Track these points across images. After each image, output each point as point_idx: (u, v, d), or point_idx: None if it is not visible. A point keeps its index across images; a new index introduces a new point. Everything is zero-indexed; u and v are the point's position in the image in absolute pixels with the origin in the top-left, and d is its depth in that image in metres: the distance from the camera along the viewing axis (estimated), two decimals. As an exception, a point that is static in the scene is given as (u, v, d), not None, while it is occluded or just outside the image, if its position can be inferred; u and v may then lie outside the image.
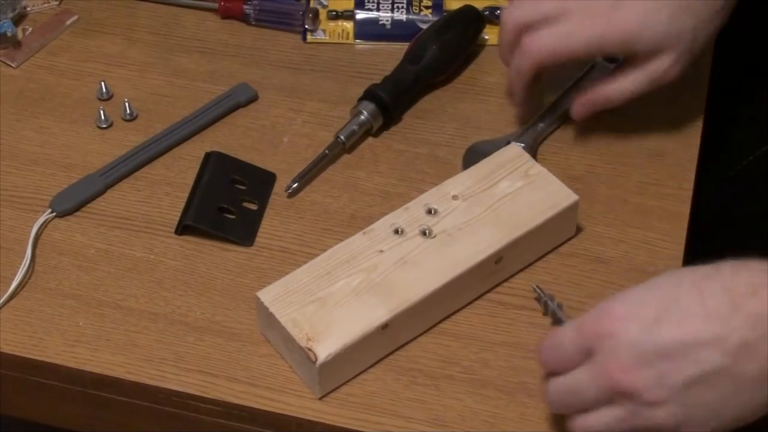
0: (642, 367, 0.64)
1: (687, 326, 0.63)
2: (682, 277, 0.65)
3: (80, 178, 0.88)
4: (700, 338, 0.63)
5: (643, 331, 0.64)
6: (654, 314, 0.64)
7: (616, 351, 0.64)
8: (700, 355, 0.63)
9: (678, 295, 0.64)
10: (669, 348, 0.63)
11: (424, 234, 0.79)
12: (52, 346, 0.78)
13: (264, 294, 0.76)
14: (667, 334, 0.63)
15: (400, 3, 1.01)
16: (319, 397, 0.75)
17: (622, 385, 0.64)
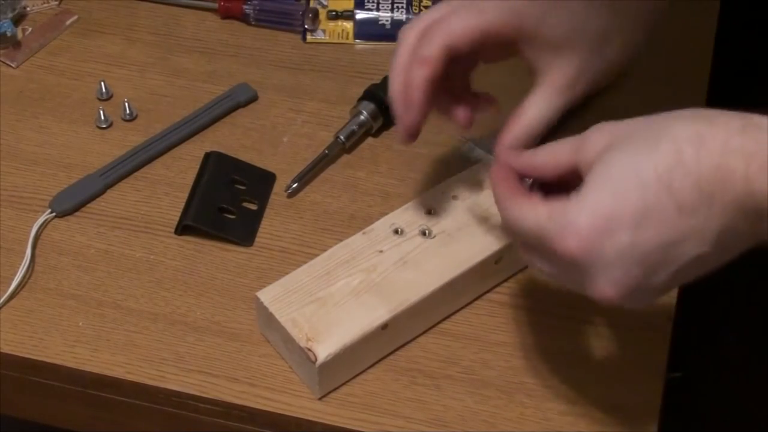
0: (623, 280, 0.61)
1: (665, 230, 0.60)
2: (644, 175, 0.60)
3: (80, 178, 0.88)
4: (679, 237, 0.60)
5: (621, 252, 0.60)
6: (628, 230, 0.60)
7: (594, 272, 0.62)
8: (682, 251, 0.60)
9: (648, 200, 0.60)
10: (650, 256, 0.60)
11: (423, 234, 0.79)
12: (52, 346, 0.78)
13: (264, 294, 0.76)
14: (646, 245, 0.60)
15: (400, 3, 1.01)
16: (319, 398, 0.75)
17: (603, 298, 0.62)
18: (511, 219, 0.66)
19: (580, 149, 0.64)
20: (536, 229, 0.63)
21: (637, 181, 0.60)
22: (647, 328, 0.79)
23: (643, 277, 0.61)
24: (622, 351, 0.78)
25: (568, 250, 0.61)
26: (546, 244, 0.63)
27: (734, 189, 0.58)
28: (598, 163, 0.62)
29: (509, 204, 0.66)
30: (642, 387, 0.76)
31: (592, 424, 0.74)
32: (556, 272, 0.65)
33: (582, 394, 0.75)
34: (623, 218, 0.60)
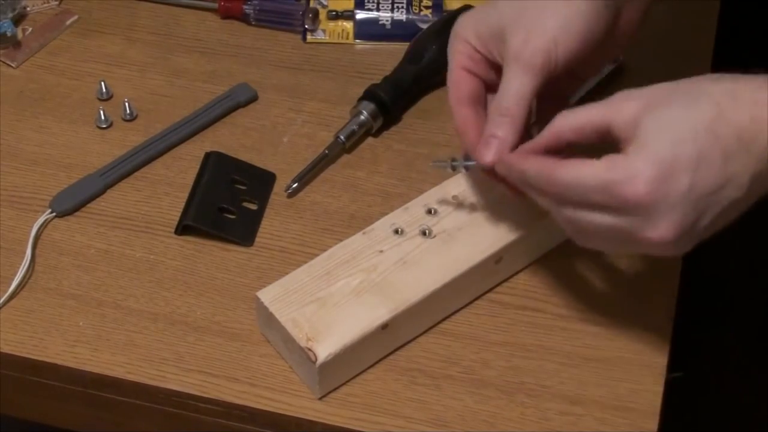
0: (679, 223, 0.66)
1: (714, 175, 0.65)
2: (695, 125, 0.65)
3: (80, 178, 0.88)
4: (724, 182, 0.65)
5: (682, 196, 0.65)
6: (688, 174, 0.65)
7: (656, 216, 0.66)
8: (724, 195, 0.66)
9: (701, 147, 0.65)
10: (702, 199, 0.65)
11: (424, 234, 0.79)
12: (52, 346, 0.78)
13: (264, 294, 0.76)
14: (700, 189, 0.65)
15: (400, 3, 1.01)
16: (319, 397, 0.75)
17: (662, 246, 0.67)
18: (566, 183, 0.67)
19: (614, 113, 0.68)
20: (600, 182, 0.66)
21: (690, 131, 0.65)
22: (647, 328, 0.79)
23: (695, 219, 0.66)
24: (622, 351, 0.78)
25: (637, 195, 0.65)
26: (613, 193, 0.65)
27: (766, 137, 0.65)
28: (646, 119, 0.66)
29: (557, 171, 0.68)
30: (642, 387, 0.76)
31: (592, 423, 0.74)
32: (614, 223, 0.67)
33: (582, 394, 0.75)
34: (683, 164, 0.65)
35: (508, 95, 0.73)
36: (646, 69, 0.96)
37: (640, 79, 0.95)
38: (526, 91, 0.72)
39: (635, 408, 0.75)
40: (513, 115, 0.73)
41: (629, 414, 0.74)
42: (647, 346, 0.78)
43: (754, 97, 0.65)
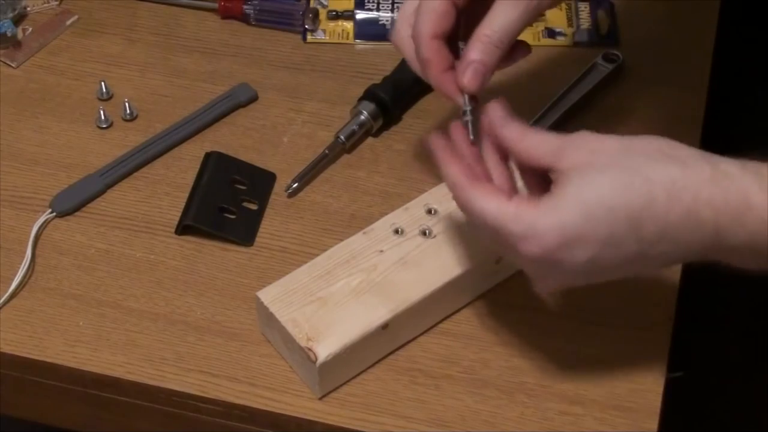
0: (566, 283, 0.68)
1: (621, 256, 0.65)
2: (616, 209, 0.64)
3: (80, 178, 0.88)
4: (632, 261, 0.65)
5: (577, 266, 0.65)
6: (589, 251, 0.65)
7: (547, 274, 0.67)
8: (630, 268, 0.66)
9: (615, 230, 0.64)
10: (599, 270, 0.66)
11: (424, 234, 0.79)
12: (52, 346, 0.78)
13: (264, 294, 0.76)
14: (600, 264, 0.65)
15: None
16: (319, 397, 0.75)
17: (540, 290, 0.69)
18: (470, 207, 0.68)
19: (559, 156, 0.67)
20: (499, 226, 0.66)
21: (608, 213, 0.64)
22: (647, 328, 0.79)
23: (585, 279, 0.67)
24: (622, 351, 0.78)
25: (529, 253, 0.65)
26: (507, 240, 0.66)
27: (703, 237, 0.64)
28: (574, 178, 0.65)
29: (471, 192, 0.67)
30: (642, 387, 0.76)
31: (592, 423, 0.74)
32: (501, 253, 0.69)
33: (582, 394, 0.75)
34: (588, 240, 0.64)
35: (496, 27, 0.72)
36: (646, 69, 0.96)
37: (640, 79, 0.95)
38: (513, 26, 0.72)
39: (635, 408, 0.75)
40: (497, 47, 0.72)
41: (629, 414, 0.74)
42: (647, 346, 0.78)
43: (696, 194, 0.63)
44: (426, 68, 0.74)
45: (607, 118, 0.92)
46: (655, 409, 0.75)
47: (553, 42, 0.99)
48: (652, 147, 0.65)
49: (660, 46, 0.98)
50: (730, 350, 1.06)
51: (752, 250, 0.63)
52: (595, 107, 0.93)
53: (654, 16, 1.01)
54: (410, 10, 0.75)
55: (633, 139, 0.66)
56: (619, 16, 1.00)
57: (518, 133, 0.69)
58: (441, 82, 0.74)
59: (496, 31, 0.72)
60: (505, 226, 0.65)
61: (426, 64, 0.73)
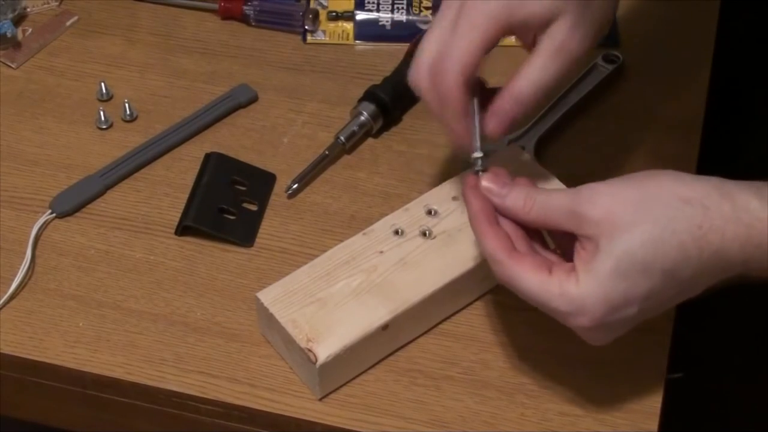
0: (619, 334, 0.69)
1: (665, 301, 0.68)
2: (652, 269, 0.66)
3: (80, 179, 0.88)
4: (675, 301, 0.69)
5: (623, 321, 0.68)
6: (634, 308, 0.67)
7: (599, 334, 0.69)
8: (672, 303, 0.69)
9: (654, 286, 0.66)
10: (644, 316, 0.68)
11: (424, 235, 0.79)
12: (52, 346, 0.78)
13: (264, 295, 0.76)
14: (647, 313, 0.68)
15: (400, 3, 1.01)
16: (320, 398, 0.75)
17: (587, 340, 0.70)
18: (512, 284, 0.69)
19: (578, 223, 0.67)
20: (545, 303, 0.68)
21: (644, 271, 0.66)
22: (647, 329, 0.78)
23: (634, 324, 0.69)
24: (622, 351, 0.77)
25: (581, 326, 0.67)
26: (554, 313, 0.68)
27: (733, 270, 0.66)
28: (603, 245, 0.66)
29: (511, 269, 0.69)
30: (642, 387, 0.76)
31: (592, 424, 0.74)
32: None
33: (582, 394, 0.75)
34: (632, 300, 0.66)
35: (533, 80, 0.72)
36: (646, 69, 0.96)
37: (640, 79, 0.95)
38: (550, 82, 0.72)
39: (635, 408, 0.75)
40: (531, 101, 0.72)
41: (629, 414, 0.74)
42: (647, 346, 0.78)
43: (722, 235, 0.65)
44: (444, 109, 0.73)
45: (607, 119, 0.92)
46: (655, 409, 0.75)
47: (553, 42, 0.98)
48: (667, 193, 0.66)
49: (660, 46, 0.98)
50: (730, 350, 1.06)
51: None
52: (596, 108, 0.93)
53: (654, 17, 1.01)
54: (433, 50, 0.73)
55: (646, 186, 0.67)
56: (619, 17, 1.00)
57: (524, 201, 0.70)
58: (457, 129, 0.73)
59: (532, 85, 0.72)
60: (550, 304, 0.67)
61: (445, 105, 0.72)
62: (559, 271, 0.67)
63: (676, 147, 0.90)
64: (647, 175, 0.68)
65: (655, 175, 0.68)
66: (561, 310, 0.67)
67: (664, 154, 0.90)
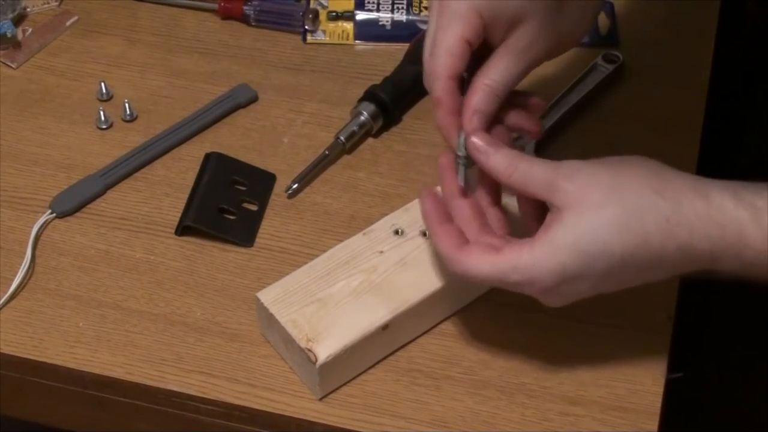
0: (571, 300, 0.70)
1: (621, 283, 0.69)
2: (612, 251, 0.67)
3: (80, 179, 0.88)
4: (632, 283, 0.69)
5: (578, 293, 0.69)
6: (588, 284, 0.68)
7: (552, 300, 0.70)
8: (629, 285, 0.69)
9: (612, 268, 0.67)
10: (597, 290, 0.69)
11: (424, 235, 0.79)
12: (52, 346, 0.78)
13: (264, 295, 0.76)
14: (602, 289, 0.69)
15: (400, 3, 1.01)
16: (320, 398, 0.75)
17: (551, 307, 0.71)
18: (467, 275, 0.70)
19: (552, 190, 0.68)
20: (498, 280, 0.69)
21: (604, 251, 0.66)
22: (647, 328, 0.79)
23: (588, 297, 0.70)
24: (622, 351, 0.78)
25: (533, 294, 0.69)
26: (511, 287, 0.69)
27: (701, 265, 0.67)
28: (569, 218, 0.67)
29: (462, 261, 0.69)
30: (642, 387, 0.76)
31: (592, 424, 0.74)
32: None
33: (582, 394, 0.75)
34: (586, 276, 0.67)
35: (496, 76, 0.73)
36: (646, 69, 0.96)
37: (640, 79, 0.95)
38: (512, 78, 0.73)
39: (635, 408, 0.75)
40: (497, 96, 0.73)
41: (629, 414, 0.74)
42: (647, 346, 0.78)
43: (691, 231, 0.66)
44: (435, 107, 0.74)
45: (607, 119, 0.92)
46: (655, 409, 0.75)
47: (553, 42, 0.98)
48: (642, 183, 0.67)
49: (660, 46, 0.98)
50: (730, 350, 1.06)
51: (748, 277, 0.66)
52: (596, 108, 0.93)
53: (654, 17, 1.01)
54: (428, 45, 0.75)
55: (623, 173, 0.68)
56: (619, 17, 1.00)
57: (507, 164, 0.70)
58: (445, 125, 0.74)
59: (496, 80, 0.73)
60: (505, 279, 0.68)
61: (436, 103, 0.73)
62: (509, 247, 0.68)
63: (676, 147, 0.90)
64: (627, 162, 0.69)
65: (635, 163, 0.69)
66: (515, 280, 0.68)
67: (664, 154, 0.89)
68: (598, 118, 0.92)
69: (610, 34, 0.99)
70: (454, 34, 0.72)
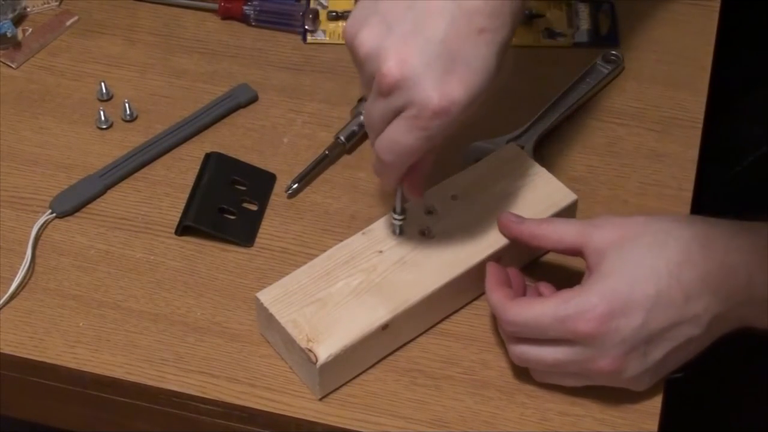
0: (629, 355, 0.69)
1: (671, 314, 0.69)
2: (657, 267, 0.69)
3: (80, 179, 0.88)
4: (681, 320, 0.69)
5: (634, 331, 0.69)
6: (642, 312, 0.68)
7: (606, 348, 0.69)
8: (680, 332, 0.70)
9: (660, 288, 0.68)
10: (655, 335, 0.69)
11: (423, 234, 0.79)
12: (53, 346, 0.78)
13: (264, 295, 0.76)
14: (654, 326, 0.69)
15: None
16: (320, 398, 0.75)
17: (608, 373, 0.70)
18: (517, 319, 0.71)
19: (588, 236, 0.71)
20: (551, 317, 0.69)
21: (650, 271, 0.68)
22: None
23: (645, 353, 0.70)
24: (623, 351, 0.78)
25: (587, 329, 0.68)
26: (566, 327, 0.69)
27: (737, 282, 0.69)
28: (612, 253, 0.70)
29: (510, 311, 0.71)
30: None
31: (592, 424, 0.74)
32: (567, 355, 0.70)
33: (582, 394, 0.75)
34: (638, 302, 0.68)
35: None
36: (646, 69, 0.96)
37: (640, 79, 0.95)
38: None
39: (635, 408, 0.75)
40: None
41: (629, 414, 0.74)
42: (647, 347, 0.78)
43: (728, 243, 0.69)
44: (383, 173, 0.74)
45: (607, 119, 0.92)
46: (655, 409, 0.75)
47: (554, 43, 0.99)
48: (673, 217, 0.71)
49: (660, 46, 0.98)
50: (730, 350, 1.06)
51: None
52: (595, 108, 0.93)
53: (654, 16, 1.01)
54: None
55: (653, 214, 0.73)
56: (619, 17, 1.00)
57: (538, 222, 0.75)
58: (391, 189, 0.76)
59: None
60: (556, 315, 0.69)
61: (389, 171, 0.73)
62: (561, 292, 0.70)
63: (676, 147, 0.90)
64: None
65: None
66: (566, 315, 0.69)
67: (664, 154, 0.90)
68: (598, 118, 0.92)
69: (610, 34, 0.99)
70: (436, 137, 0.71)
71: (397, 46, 0.67)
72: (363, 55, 0.68)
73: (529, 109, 0.91)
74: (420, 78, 0.67)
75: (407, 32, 0.67)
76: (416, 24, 0.67)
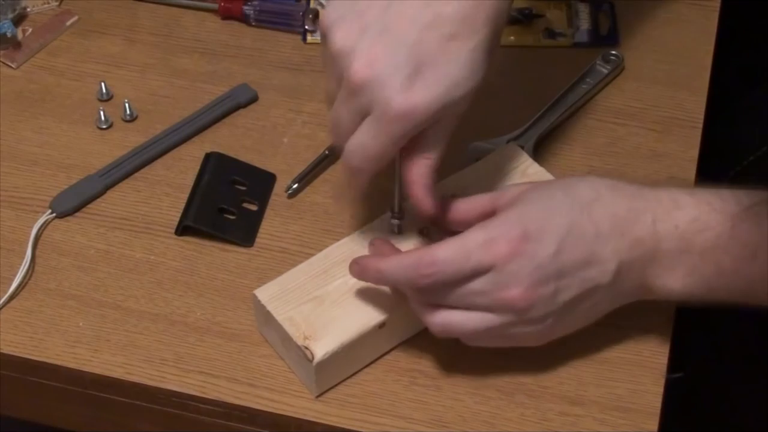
0: (540, 289, 0.69)
1: (582, 247, 0.69)
2: (570, 201, 0.70)
3: (80, 179, 0.88)
4: (591, 258, 0.69)
5: (547, 258, 0.68)
6: (556, 238, 0.69)
7: (520, 276, 0.69)
8: (588, 273, 0.70)
9: (574, 219, 0.69)
10: (566, 271, 0.69)
11: (422, 233, 0.79)
12: (52, 346, 0.78)
13: (261, 292, 0.76)
14: (566, 257, 0.69)
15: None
16: (316, 396, 0.75)
17: (518, 305, 0.69)
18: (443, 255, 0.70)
19: (499, 197, 0.73)
20: (474, 242, 0.69)
21: (563, 205, 0.70)
22: (647, 328, 0.79)
23: (555, 289, 0.69)
24: (622, 351, 0.78)
25: (506, 249, 0.68)
26: (482, 252, 0.69)
27: (644, 228, 0.70)
28: (524, 195, 0.72)
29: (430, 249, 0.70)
30: (642, 387, 0.76)
31: (592, 424, 0.74)
32: (481, 286, 0.69)
33: (582, 394, 0.75)
34: (552, 230, 0.69)
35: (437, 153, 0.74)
36: (646, 69, 0.96)
37: (640, 79, 0.95)
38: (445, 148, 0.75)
39: (635, 408, 0.75)
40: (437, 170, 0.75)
41: (629, 414, 0.74)
42: (647, 346, 0.78)
43: (636, 191, 0.71)
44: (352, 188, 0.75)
45: (607, 119, 0.92)
46: (655, 409, 0.75)
47: (553, 42, 0.99)
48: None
49: (660, 46, 0.98)
50: (730, 350, 1.06)
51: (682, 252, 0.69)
52: (595, 107, 0.93)
53: (654, 16, 1.01)
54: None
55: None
56: (619, 16, 1.00)
57: (454, 201, 0.76)
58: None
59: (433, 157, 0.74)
60: (476, 241, 0.69)
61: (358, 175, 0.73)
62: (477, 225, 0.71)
63: (676, 147, 0.90)
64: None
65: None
66: (479, 240, 0.68)
67: (664, 154, 0.90)
68: (598, 118, 0.92)
69: (610, 34, 0.99)
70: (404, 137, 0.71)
71: (369, 47, 0.68)
72: (335, 51, 0.69)
73: (529, 109, 0.91)
74: (386, 79, 0.68)
75: (380, 34, 0.68)
76: (389, 26, 0.68)
